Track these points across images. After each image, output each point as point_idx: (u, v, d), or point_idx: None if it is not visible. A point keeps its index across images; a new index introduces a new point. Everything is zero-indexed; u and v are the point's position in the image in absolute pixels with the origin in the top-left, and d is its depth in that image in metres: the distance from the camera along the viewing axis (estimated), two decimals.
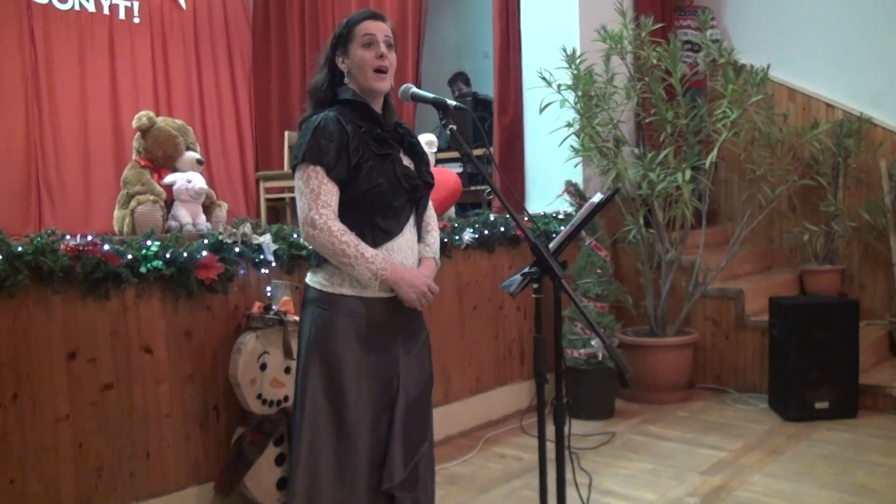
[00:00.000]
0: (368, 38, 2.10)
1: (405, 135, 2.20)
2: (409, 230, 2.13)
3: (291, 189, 5.89)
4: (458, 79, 6.88)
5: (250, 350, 2.89)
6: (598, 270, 4.30)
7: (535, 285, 1.99)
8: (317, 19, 6.42)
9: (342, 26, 2.12)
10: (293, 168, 2.04)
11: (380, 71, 2.10)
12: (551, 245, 2.07)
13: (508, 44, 5.13)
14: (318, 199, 1.98)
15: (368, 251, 2.00)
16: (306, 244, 3.15)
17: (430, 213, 2.27)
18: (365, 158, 2.02)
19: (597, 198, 2.11)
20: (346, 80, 2.11)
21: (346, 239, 1.98)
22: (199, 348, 2.90)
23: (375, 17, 2.14)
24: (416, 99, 2.15)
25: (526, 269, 1.99)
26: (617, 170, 4.38)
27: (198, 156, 3.53)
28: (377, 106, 2.14)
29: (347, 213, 2.03)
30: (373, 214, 2.04)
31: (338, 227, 1.98)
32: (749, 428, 3.95)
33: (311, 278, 2.13)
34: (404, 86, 2.18)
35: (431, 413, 2.20)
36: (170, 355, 2.82)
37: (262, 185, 5.75)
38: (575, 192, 4.56)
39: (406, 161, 2.14)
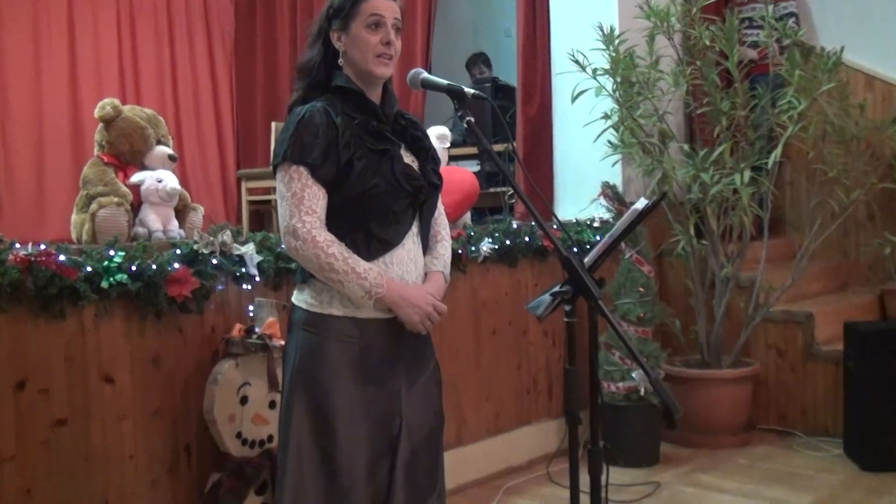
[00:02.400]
0: (376, 19, 2.10)
1: (408, 127, 2.20)
2: (412, 239, 2.13)
3: None
4: (479, 60, 6.90)
5: (229, 380, 2.89)
6: (640, 289, 4.29)
7: (567, 307, 1.98)
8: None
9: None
10: (273, 168, 2.06)
11: (383, 56, 2.10)
12: (586, 259, 2.06)
13: (535, 20, 5.14)
14: (301, 204, 1.99)
15: (361, 265, 2.00)
16: None
17: (441, 220, 2.28)
18: (357, 156, 2.03)
19: (640, 204, 2.10)
20: (340, 60, 2.12)
21: (334, 251, 1.98)
22: (168, 378, 2.90)
23: None
24: (427, 86, 2.16)
25: (556, 288, 1.98)
26: (663, 170, 4.37)
27: (170, 151, 3.54)
28: (375, 94, 2.15)
29: (338, 220, 2.04)
30: (367, 221, 2.05)
31: (324, 237, 1.99)
32: (820, 478, 3.91)
33: (296, 296, 2.13)
34: (413, 71, 2.18)
35: (442, 458, 2.19)
36: (134, 386, 2.81)
37: (245, 184, 5.77)
38: (613, 196, 4.55)
39: (408, 158, 2.15)
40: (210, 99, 6.75)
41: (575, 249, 2.11)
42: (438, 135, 4.26)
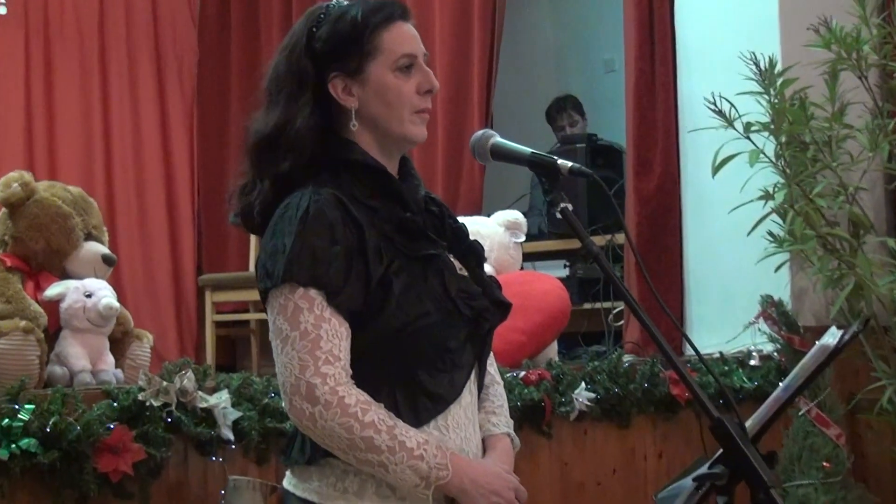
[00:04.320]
0: (408, 60, 2.15)
1: (443, 216, 2.24)
2: (469, 390, 2.15)
3: (261, 305, 5.92)
4: (567, 105, 6.93)
5: None
6: (825, 464, 4.23)
7: (722, 499, 1.96)
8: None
9: (349, 25, 2.14)
10: (264, 293, 2.06)
11: (424, 111, 2.16)
12: (748, 422, 2.04)
13: (652, 49, 5.22)
14: (316, 348, 1.98)
15: (411, 437, 2.00)
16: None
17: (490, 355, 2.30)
18: (395, 269, 2.05)
19: (832, 337, 2.09)
20: (352, 123, 2.16)
21: (373, 418, 1.98)
22: None
23: (407, 14, 2.19)
24: (501, 156, 2.18)
25: (703, 469, 1.96)
26: (856, 277, 4.34)
27: (105, 249, 3.60)
28: (392, 168, 2.19)
29: (367, 369, 2.05)
30: (413, 368, 2.07)
31: (355, 397, 1.98)
32: None
33: (294, 483, 2.14)
34: (480, 133, 2.21)
35: None
36: None
37: (210, 297, 5.82)
38: (778, 319, 4.52)
39: (456, 264, 2.19)
40: (160, 169, 6.85)
41: (721, 402, 2.10)
42: (508, 223, 4.30)
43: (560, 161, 2.10)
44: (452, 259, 2.19)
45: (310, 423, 1.99)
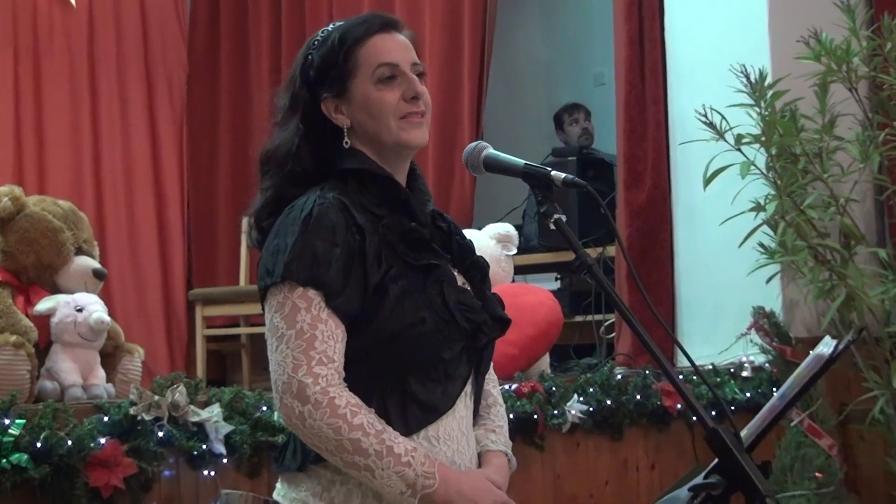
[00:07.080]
0: (388, 70, 2.15)
1: (451, 231, 2.25)
2: (464, 402, 2.15)
3: (251, 319, 5.94)
4: (577, 110, 6.86)
5: None
6: (818, 474, 4.22)
7: None
8: (303, 23, 6.60)
9: (329, 48, 2.17)
10: (263, 291, 2.07)
11: (412, 115, 2.16)
12: (743, 432, 2.04)
13: (642, 62, 5.22)
14: (311, 347, 1.99)
15: (400, 443, 2.00)
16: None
17: (490, 372, 2.30)
18: (392, 275, 2.05)
19: (827, 347, 2.09)
20: (345, 141, 2.16)
21: (362, 421, 1.98)
22: None
23: (389, 25, 2.20)
24: (494, 167, 2.18)
25: (699, 479, 1.96)
26: (847, 289, 4.33)
27: (96, 264, 3.59)
28: (400, 178, 2.20)
29: (358, 374, 2.05)
30: (404, 375, 2.06)
31: (346, 399, 1.99)
32: None
33: (285, 492, 2.14)
34: (473, 145, 2.22)
35: None
36: None
37: (200, 311, 5.80)
38: (770, 330, 4.52)
39: (458, 278, 2.18)
40: (149, 184, 6.81)
41: (713, 413, 2.10)
42: (499, 235, 4.29)
43: (553, 172, 2.10)
44: (456, 273, 2.19)
45: (298, 421, 1.99)
